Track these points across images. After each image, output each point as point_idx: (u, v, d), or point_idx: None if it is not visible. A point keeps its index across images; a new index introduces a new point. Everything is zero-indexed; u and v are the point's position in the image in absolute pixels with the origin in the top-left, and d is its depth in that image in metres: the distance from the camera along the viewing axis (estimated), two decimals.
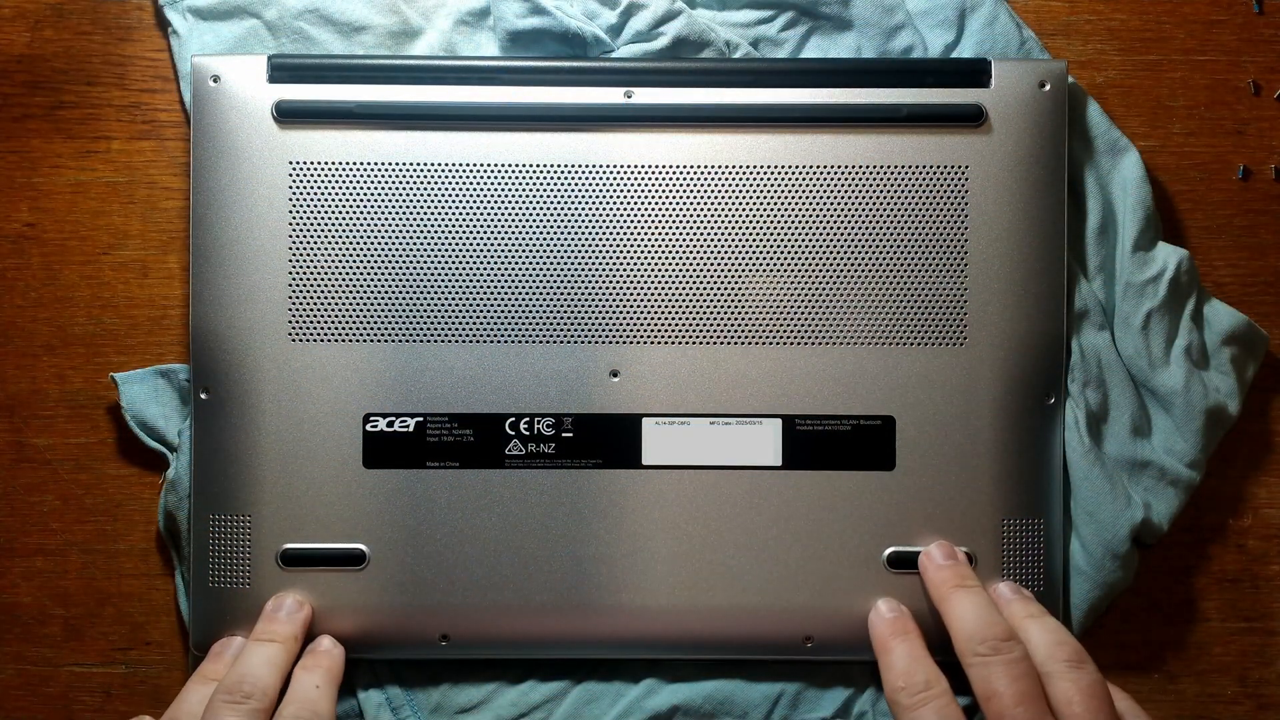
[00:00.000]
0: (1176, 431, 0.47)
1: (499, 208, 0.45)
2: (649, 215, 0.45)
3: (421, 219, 0.45)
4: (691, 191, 0.46)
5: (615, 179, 0.45)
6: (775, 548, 0.45)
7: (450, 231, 0.45)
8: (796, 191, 0.45)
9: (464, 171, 0.45)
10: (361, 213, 0.45)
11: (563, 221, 0.45)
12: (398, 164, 0.45)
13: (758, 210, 0.45)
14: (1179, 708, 0.48)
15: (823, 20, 0.48)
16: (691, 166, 0.46)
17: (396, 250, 0.45)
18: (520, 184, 0.45)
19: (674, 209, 0.46)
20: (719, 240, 0.45)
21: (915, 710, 0.40)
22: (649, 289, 0.45)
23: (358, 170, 0.45)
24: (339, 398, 0.45)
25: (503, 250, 0.45)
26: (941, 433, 0.45)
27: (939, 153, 0.45)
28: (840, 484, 0.45)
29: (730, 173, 0.45)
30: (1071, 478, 0.46)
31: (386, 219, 0.45)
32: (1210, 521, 0.49)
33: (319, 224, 0.45)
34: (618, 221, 0.45)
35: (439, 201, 0.45)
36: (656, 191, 0.46)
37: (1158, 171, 0.49)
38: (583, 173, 0.45)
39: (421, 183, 0.45)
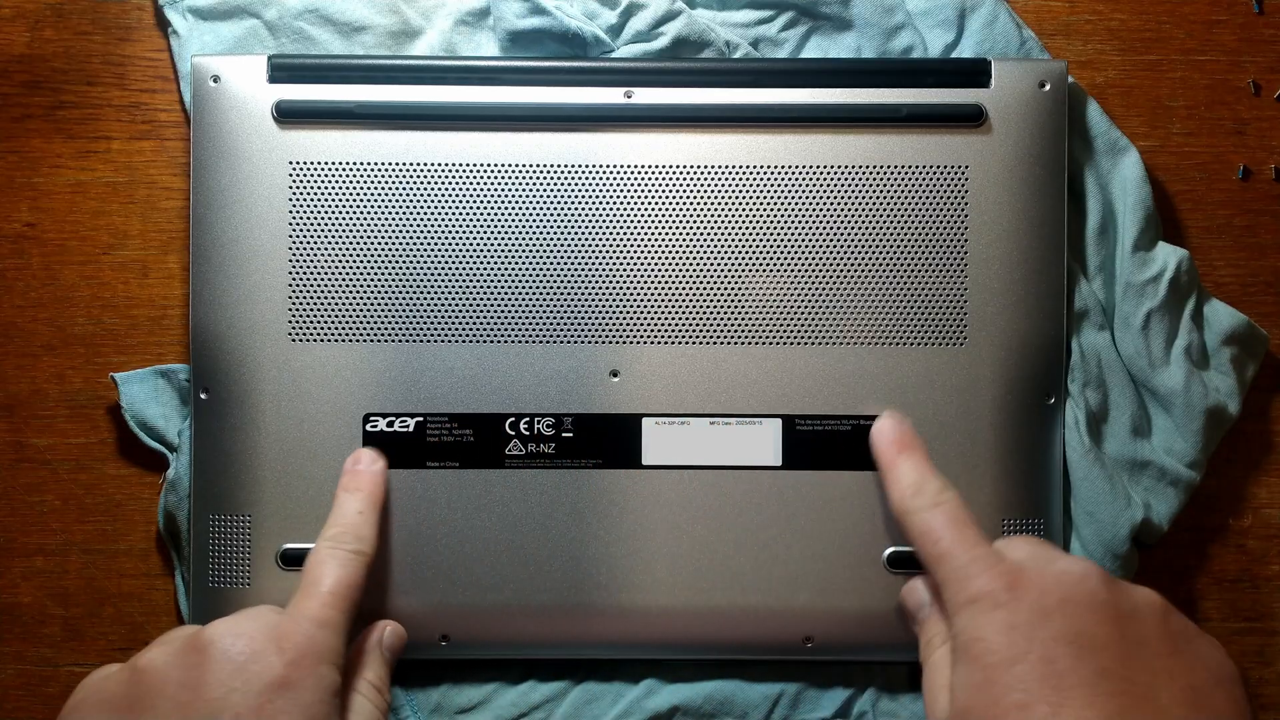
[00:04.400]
0: (1176, 431, 0.47)
1: (499, 208, 0.45)
2: (649, 215, 0.46)
3: (422, 219, 0.45)
4: (691, 191, 0.46)
5: (615, 179, 0.46)
6: (775, 548, 0.45)
7: (450, 231, 0.45)
8: (796, 191, 0.46)
9: (464, 171, 0.45)
10: (361, 213, 0.45)
11: (563, 221, 0.45)
12: (398, 164, 0.45)
13: (758, 210, 0.45)
14: None
15: (823, 20, 0.48)
16: (691, 166, 0.46)
17: (396, 250, 0.45)
18: (520, 184, 0.45)
19: (674, 209, 0.46)
20: (719, 240, 0.45)
21: (926, 513, 0.40)
22: (649, 289, 0.45)
23: (358, 170, 0.45)
24: (339, 398, 0.45)
25: (503, 250, 0.45)
26: (941, 433, 0.45)
27: (939, 153, 0.45)
28: (840, 484, 0.45)
29: (730, 173, 0.46)
30: (1071, 478, 0.46)
31: (387, 219, 0.45)
32: (1210, 521, 0.49)
33: (319, 224, 0.45)
34: (618, 221, 0.45)
35: (439, 201, 0.45)
36: (656, 191, 0.46)
37: (1158, 171, 0.49)
38: (583, 173, 0.45)
39: (421, 183, 0.45)
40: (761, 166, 0.45)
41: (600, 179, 0.45)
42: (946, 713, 0.38)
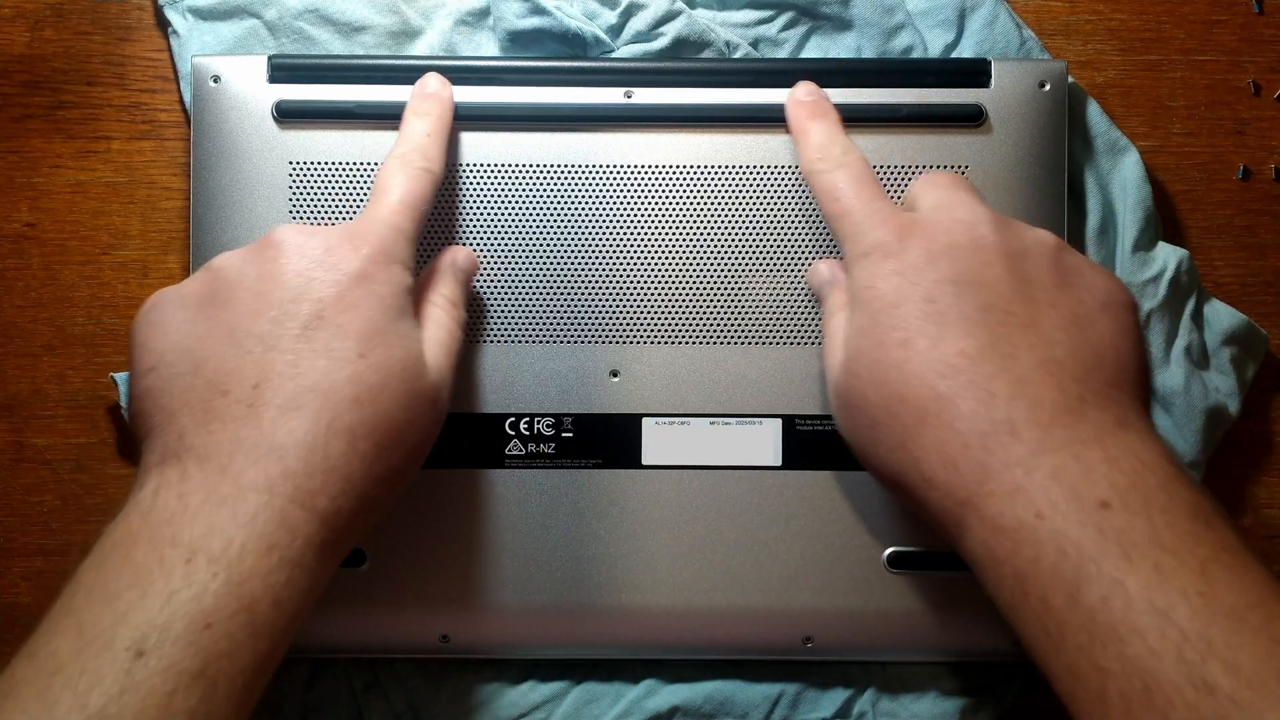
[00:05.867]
0: (1176, 431, 0.47)
1: (499, 207, 0.45)
2: (649, 215, 0.45)
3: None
4: (691, 191, 0.46)
5: (615, 179, 0.46)
6: (775, 548, 0.45)
7: (450, 231, 0.45)
8: (797, 191, 0.45)
9: (464, 171, 0.45)
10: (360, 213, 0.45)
11: (562, 221, 0.45)
12: None
13: (758, 210, 0.45)
14: None
15: (823, 20, 0.48)
16: (691, 166, 0.46)
17: None
18: (520, 184, 0.45)
19: (674, 209, 0.46)
20: (719, 240, 0.45)
21: (830, 174, 0.41)
22: (649, 289, 0.45)
23: (358, 170, 0.45)
24: None
25: (503, 250, 0.45)
26: None
27: (939, 153, 0.45)
28: (840, 484, 0.45)
29: (730, 173, 0.46)
30: None
31: None
32: None
33: (319, 224, 0.45)
34: (618, 221, 0.45)
35: (438, 201, 0.45)
36: (656, 191, 0.46)
37: (1158, 171, 0.49)
38: (583, 173, 0.45)
39: None
40: (761, 166, 0.45)
41: (600, 179, 0.45)
42: (836, 374, 0.39)
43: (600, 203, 0.45)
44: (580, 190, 0.45)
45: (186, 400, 0.36)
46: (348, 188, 0.45)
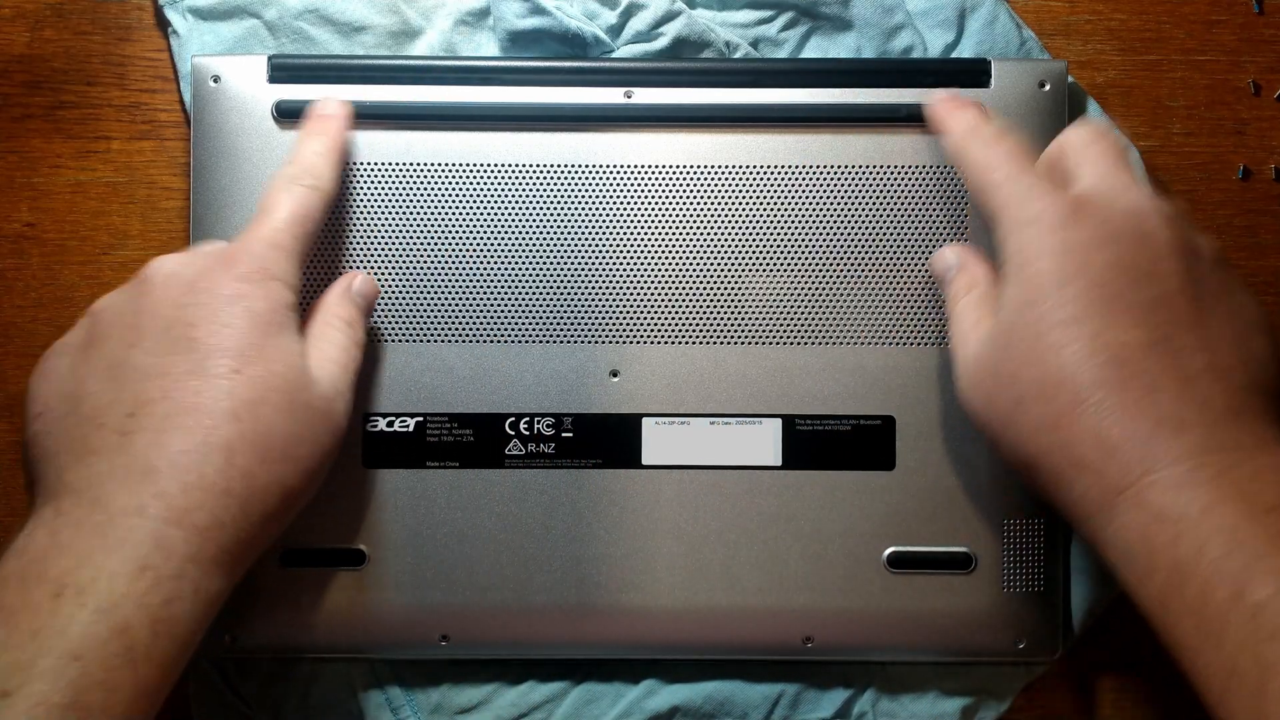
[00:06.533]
0: None
1: (499, 208, 0.45)
2: (649, 215, 0.46)
3: (421, 219, 0.45)
4: (691, 191, 0.46)
5: (615, 179, 0.46)
6: (775, 548, 0.45)
7: (450, 231, 0.45)
8: (796, 191, 0.46)
9: (464, 171, 0.45)
10: (360, 213, 0.45)
11: (563, 221, 0.45)
12: (397, 164, 0.45)
13: (758, 210, 0.45)
14: (1179, 709, 0.48)
15: (823, 20, 0.48)
16: (691, 166, 0.46)
17: (396, 250, 0.45)
18: (520, 184, 0.45)
19: (674, 209, 0.46)
20: (719, 240, 0.45)
21: (986, 147, 0.40)
22: (649, 289, 0.45)
23: (356, 170, 0.45)
24: None
25: (502, 250, 0.45)
26: (941, 433, 0.45)
27: (939, 153, 0.45)
28: (840, 484, 0.45)
29: (730, 173, 0.46)
30: None
31: (386, 219, 0.45)
32: None
33: None
34: (618, 221, 0.45)
35: (439, 201, 0.45)
36: (656, 191, 0.46)
37: (1158, 171, 0.49)
38: (583, 173, 0.45)
39: (421, 183, 0.45)
40: (761, 166, 0.45)
41: (600, 179, 0.45)
42: (979, 348, 0.38)
43: (600, 203, 0.45)
44: (580, 190, 0.45)
45: (67, 440, 0.37)
46: (346, 188, 0.45)
